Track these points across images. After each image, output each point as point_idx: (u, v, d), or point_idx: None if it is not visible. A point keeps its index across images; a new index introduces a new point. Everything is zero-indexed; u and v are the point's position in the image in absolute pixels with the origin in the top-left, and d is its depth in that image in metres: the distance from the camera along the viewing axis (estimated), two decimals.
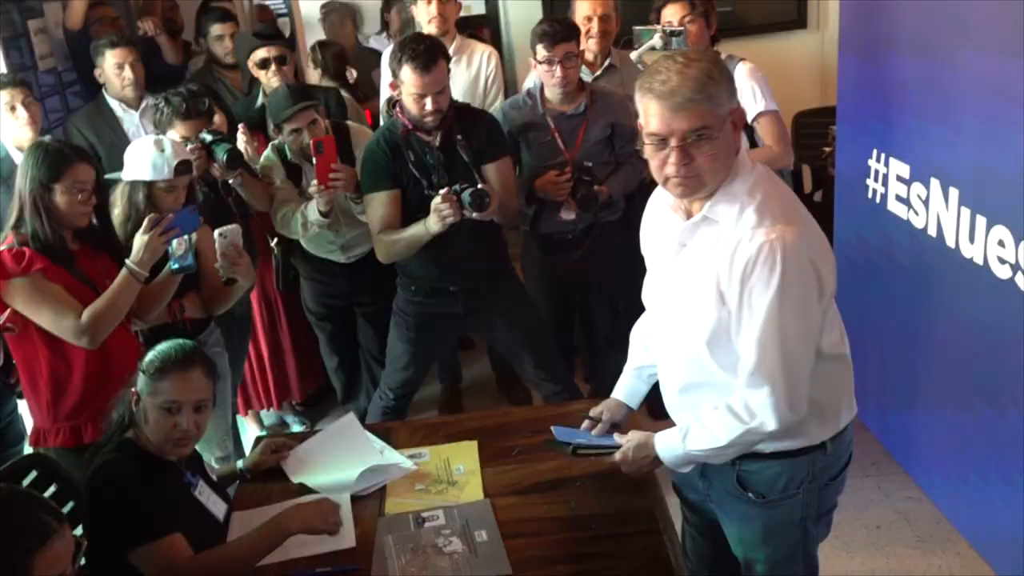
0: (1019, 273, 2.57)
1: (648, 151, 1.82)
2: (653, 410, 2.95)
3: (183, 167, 2.78)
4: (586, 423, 2.26)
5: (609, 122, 3.46)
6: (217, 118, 3.46)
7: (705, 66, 1.76)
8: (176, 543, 2.04)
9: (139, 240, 2.58)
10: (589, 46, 3.71)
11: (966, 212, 2.80)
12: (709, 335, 1.86)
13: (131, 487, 2.07)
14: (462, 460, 2.47)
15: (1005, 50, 2.54)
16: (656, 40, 3.27)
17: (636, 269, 3.71)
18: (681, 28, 3.25)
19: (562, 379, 3.44)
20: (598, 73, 3.75)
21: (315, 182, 3.22)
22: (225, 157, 3.13)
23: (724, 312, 1.83)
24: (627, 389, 2.29)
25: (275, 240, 3.69)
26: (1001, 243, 2.64)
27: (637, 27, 3.39)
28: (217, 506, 2.27)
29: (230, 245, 2.72)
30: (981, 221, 2.73)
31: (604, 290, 3.74)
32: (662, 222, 2.02)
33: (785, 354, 1.81)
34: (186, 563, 2.03)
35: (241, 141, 3.54)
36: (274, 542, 2.10)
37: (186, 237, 2.66)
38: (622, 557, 2.04)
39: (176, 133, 3.09)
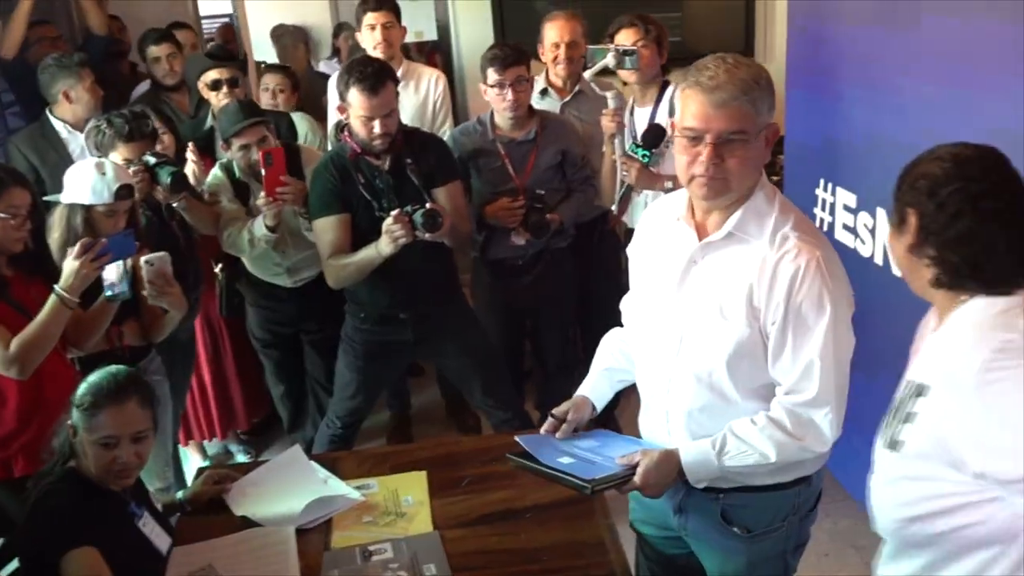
0: None
1: (678, 147, 1.80)
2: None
3: (124, 191, 2.70)
4: (549, 422, 2.13)
5: (559, 149, 3.46)
6: (166, 138, 3.42)
7: (754, 71, 1.74)
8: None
9: (69, 265, 2.48)
10: (558, 71, 3.73)
11: None
12: (731, 353, 1.82)
13: (72, 516, 2.00)
14: (411, 491, 2.42)
15: (949, 82, 2.59)
16: (609, 59, 3.28)
17: (586, 295, 3.76)
18: (634, 48, 3.27)
19: (512, 406, 3.41)
20: (567, 99, 3.76)
21: (263, 195, 3.17)
22: (169, 180, 3.06)
23: (755, 330, 1.80)
24: (595, 388, 2.19)
25: (219, 265, 3.63)
26: None
27: (590, 46, 3.41)
28: (160, 539, 2.19)
29: (157, 273, 2.62)
30: None
31: (555, 316, 3.72)
32: (666, 237, 1.95)
33: (839, 372, 1.81)
34: None
35: (190, 163, 3.48)
36: None
37: (120, 263, 2.56)
38: None
39: (118, 155, 3.02)
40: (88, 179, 2.67)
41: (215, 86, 3.82)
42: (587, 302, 3.85)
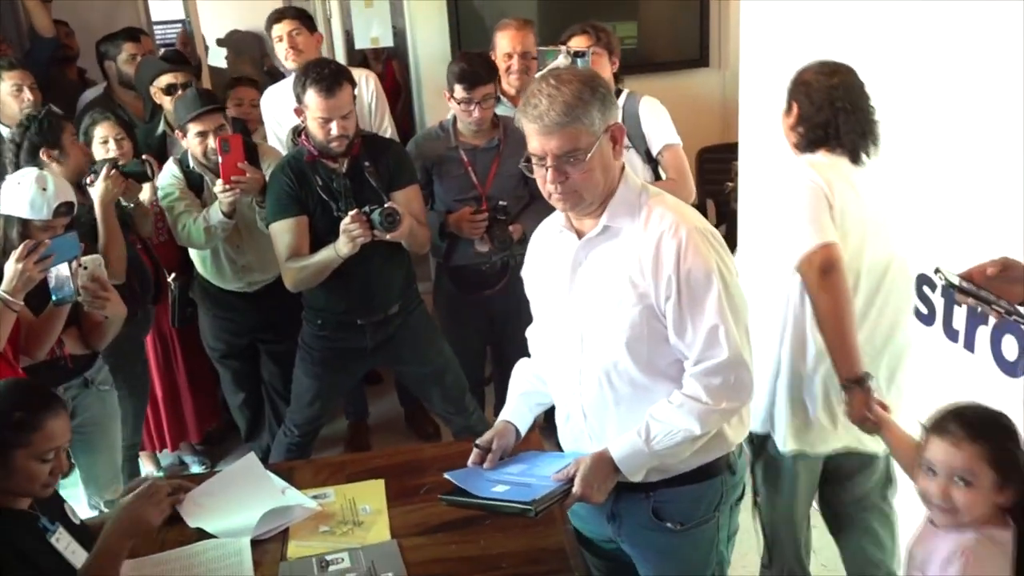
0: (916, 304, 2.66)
1: (534, 168, 1.90)
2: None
3: (64, 208, 2.62)
4: (475, 453, 2.12)
5: (523, 156, 3.44)
6: (125, 144, 3.41)
7: (575, 88, 1.81)
8: None
9: (11, 268, 2.41)
10: (511, 81, 3.71)
11: None
12: (628, 338, 1.88)
13: None
14: (368, 500, 2.39)
15: (901, 92, 2.65)
16: (560, 60, 3.27)
17: None
18: (584, 50, 3.26)
19: (472, 413, 3.40)
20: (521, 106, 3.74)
21: (220, 181, 3.13)
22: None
23: (647, 310, 1.86)
24: (516, 413, 2.21)
25: (172, 275, 3.57)
26: None
27: (541, 48, 3.40)
28: (76, 555, 2.04)
29: (91, 276, 2.53)
30: None
31: (518, 323, 3.69)
32: (553, 249, 2.03)
33: (742, 331, 1.89)
34: None
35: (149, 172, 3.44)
36: (115, 558, 1.98)
37: (65, 265, 2.47)
38: None
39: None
40: (27, 193, 2.58)
41: (169, 90, 3.79)
42: None
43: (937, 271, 1.80)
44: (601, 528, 2.12)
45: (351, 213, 2.88)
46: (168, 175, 3.41)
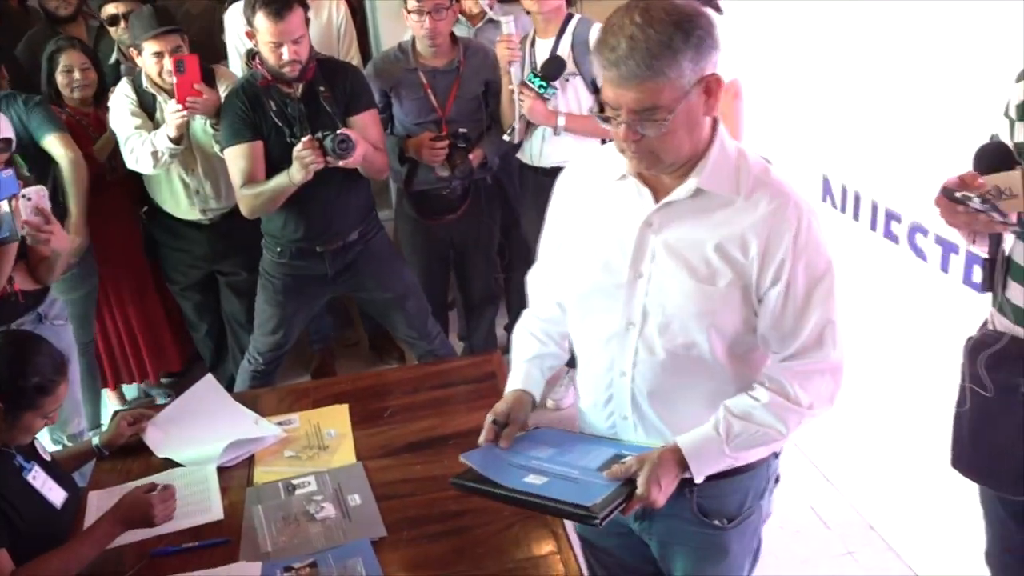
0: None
1: (608, 118, 1.55)
2: None
3: (3, 144, 2.55)
4: (489, 429, 1.77)
5: (483, 79, 3.40)
6: (91, 75, 3.46)
7: (665, 31, 1.44)
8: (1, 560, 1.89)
9: None
10: (473, 2, 3.65)
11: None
12: (716, 322, 1.60)
13: None
14: (333, 424, 2.41)
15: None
16: None
17: (511, 225, 3.74)
18: None
19: (435, 337, 3.41)
20: (480, 26, 3.69)
21: (173, 102, 3.07)
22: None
23: (743, 291, 1.59)
24: (530, 379, 1.88)
25: (144, 208, 3.53)
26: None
27: None
28: (53, 492, 2.08)
29: (34, 208, 2.42)
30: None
31: (480, 248, 3.70)
32: (607, 197, 1.69)
33: (842, 334, 1.64)
34: None
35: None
36: (103, 543, 1.99)
37: (4, 203, 2.37)
38: (495, 513, 2.01)
39: None
40: None
41: (112, 21, 3.68)
42: (509, 233, 3.84)
43: (956, 193, 1.70)
44: (617, 524, 1.79)
45: (303, 139, 2.83)
46: (120, 95, 3.33)
